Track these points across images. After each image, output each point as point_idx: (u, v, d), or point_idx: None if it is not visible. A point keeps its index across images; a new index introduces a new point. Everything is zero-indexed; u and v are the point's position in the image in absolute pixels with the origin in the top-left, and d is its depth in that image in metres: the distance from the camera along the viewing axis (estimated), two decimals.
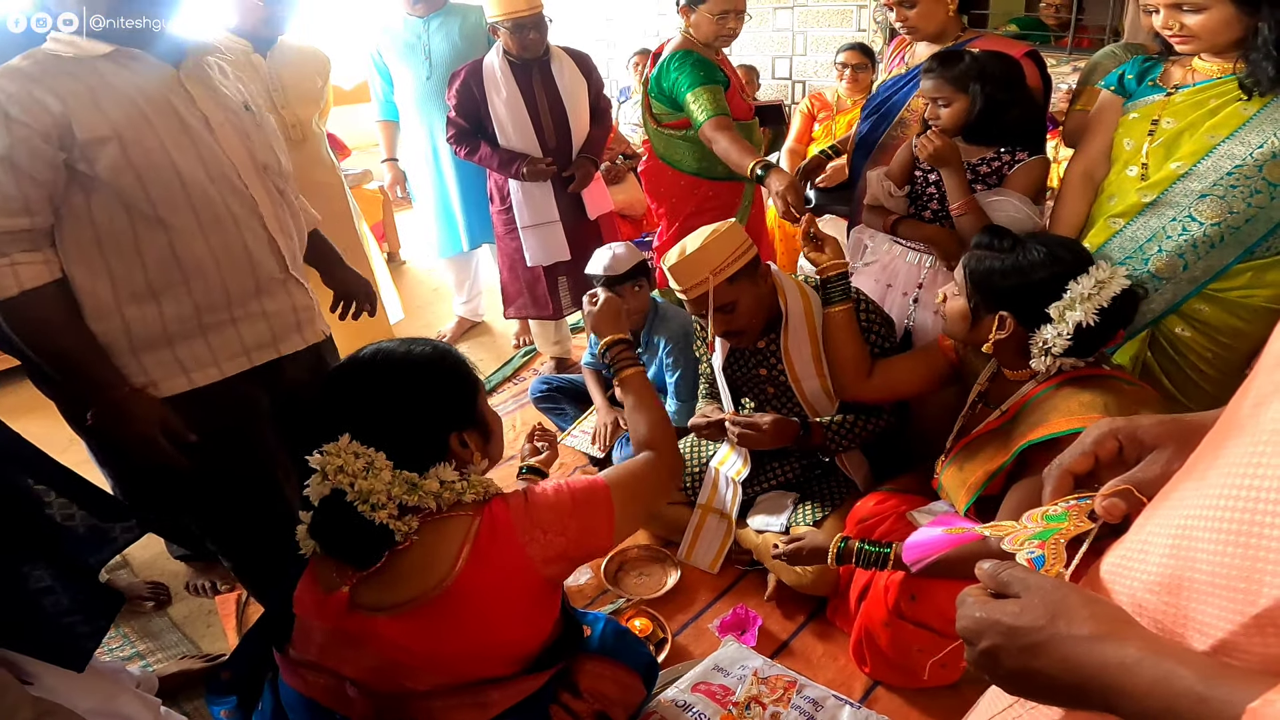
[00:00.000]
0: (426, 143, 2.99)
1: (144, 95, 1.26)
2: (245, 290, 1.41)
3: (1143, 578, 0.50)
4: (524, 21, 2.40)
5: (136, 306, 1.31)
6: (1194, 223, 1.49)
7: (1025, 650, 0.49)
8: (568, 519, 1.08)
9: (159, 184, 1.27)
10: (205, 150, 1.33)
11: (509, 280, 2.86)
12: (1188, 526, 0.48)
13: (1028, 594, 0.51)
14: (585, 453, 2.40)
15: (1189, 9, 1.39)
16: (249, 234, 1.39)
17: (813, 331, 1.77)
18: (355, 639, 1.02)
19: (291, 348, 1.52)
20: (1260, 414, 0.46)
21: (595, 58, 2.77)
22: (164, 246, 1.30)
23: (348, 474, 0.98)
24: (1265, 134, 1.40)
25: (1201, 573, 0.45)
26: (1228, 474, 0.46)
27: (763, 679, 1.58)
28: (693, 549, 1.98)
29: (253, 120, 1.45)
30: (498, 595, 1.03)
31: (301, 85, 2.20)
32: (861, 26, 3.98)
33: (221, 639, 1.89)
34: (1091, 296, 1.29)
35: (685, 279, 1.67)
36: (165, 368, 1.36)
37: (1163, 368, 1.62)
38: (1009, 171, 1.78)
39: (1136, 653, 0.44)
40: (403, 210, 3.89)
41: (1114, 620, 0.47)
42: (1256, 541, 0.42)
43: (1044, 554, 0.60)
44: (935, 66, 1.77)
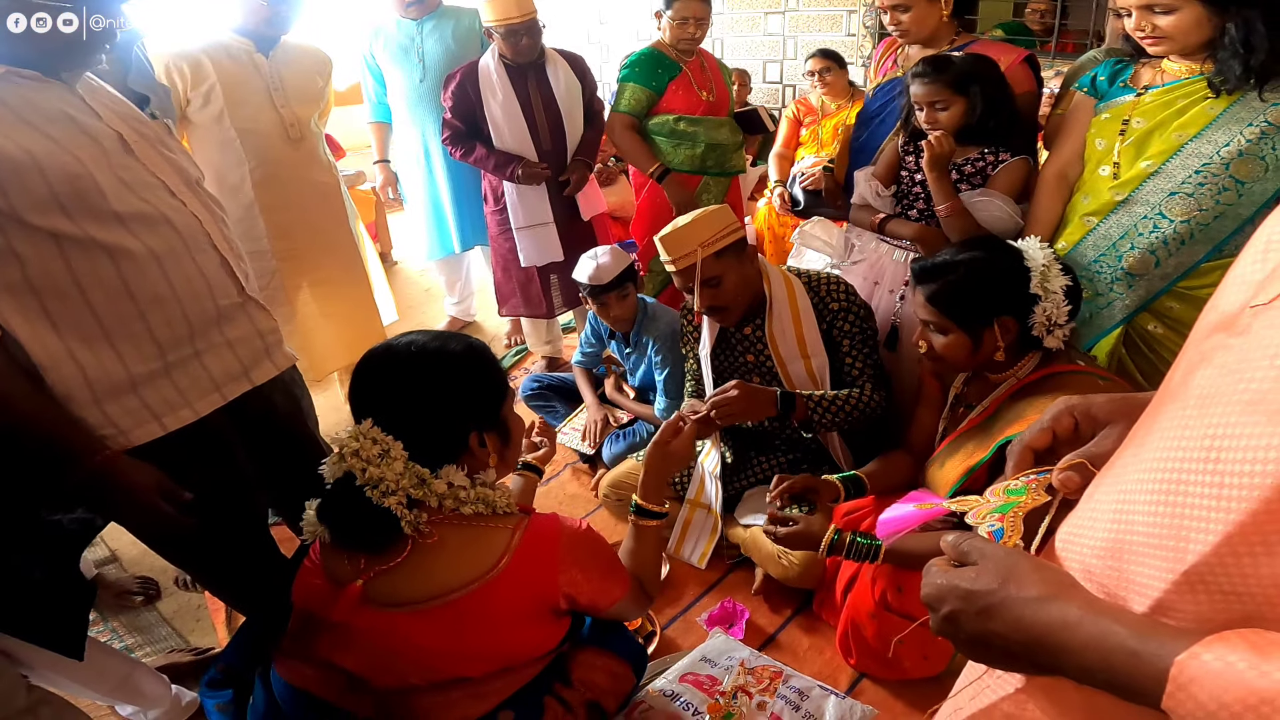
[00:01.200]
0: (419, 145, 3.01)
1: (47, 115, 1.12)
2: (206, 319, 1.30)
3: (1090, 544, 0.53)
4: (516, 28, 2.43)
5: (89, 351, 1.17)
6: (1164, 220, 1.52)
7: (981, 613, 0.52)
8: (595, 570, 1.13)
9: (89, 215, 1.14)
10: (128, 171, 1.20)
11: (503, 280, 2.88)
12: (1126, 491, 0.51)
13: (983, 561, 0.54)
14: (575, 449, 2.44)
15: (1160, 10, 1.41)
16: (201, 256, 1.28)
17: (796, 315, 1.82)
18: (364, 633, 1.03)
19: (264, 376, 1.41)
20: (1189, 380, 0.49)
21: (589, 60, 2.80)
22: (114, 281, 1.17)
23: (361, 459, 0.98)
24: (1232, 132, 1.43)
25: (1139, 535, 0.48)
26: (1160, 439, 0.49)
27: (749, 669, 1.61)
28: (681, 544, 2.00)
29: (163, 129, 1.34)
30: (522, 606, 1.06)
31: (302, 85, 2.22)
32: (851, 31, 4.02)
33: (211, 634, 1.91)
34: (1048, 260, 1.39)
35: (675, 249, 1.73)
36: (133, 415, 1.23)
37: (1137, 364, 1.65)
38: (992, 171, 1.82)
39: (1077, 611, 0.47)
40: (394, 212, 3.90)
41: (1059, 583, 0.50)
42: (1182, 500, 0.45)
43: (1003, 527, 0.63)
44: (928, 71, 1.78)
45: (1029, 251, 1.43)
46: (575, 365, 2.58)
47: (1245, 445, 0.41)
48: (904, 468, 1.69)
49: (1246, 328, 0.45)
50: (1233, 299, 0.48)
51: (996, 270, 1.43)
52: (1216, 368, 0.46)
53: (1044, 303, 1.39)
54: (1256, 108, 1.41)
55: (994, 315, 1.42)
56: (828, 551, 1.49)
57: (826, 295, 1.84)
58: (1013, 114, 1.82)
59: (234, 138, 2.12)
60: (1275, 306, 0.43)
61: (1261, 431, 0.41)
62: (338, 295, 2.42)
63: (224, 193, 2.18)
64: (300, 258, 2.29)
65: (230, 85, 2.09)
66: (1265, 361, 0.42)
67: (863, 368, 1.84)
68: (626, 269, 2.23)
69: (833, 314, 1.83)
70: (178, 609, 1.99)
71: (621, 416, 2.45)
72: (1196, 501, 0.44)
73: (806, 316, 1.83)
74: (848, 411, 1.79)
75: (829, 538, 1.49)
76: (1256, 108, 1.41)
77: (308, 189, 2.28)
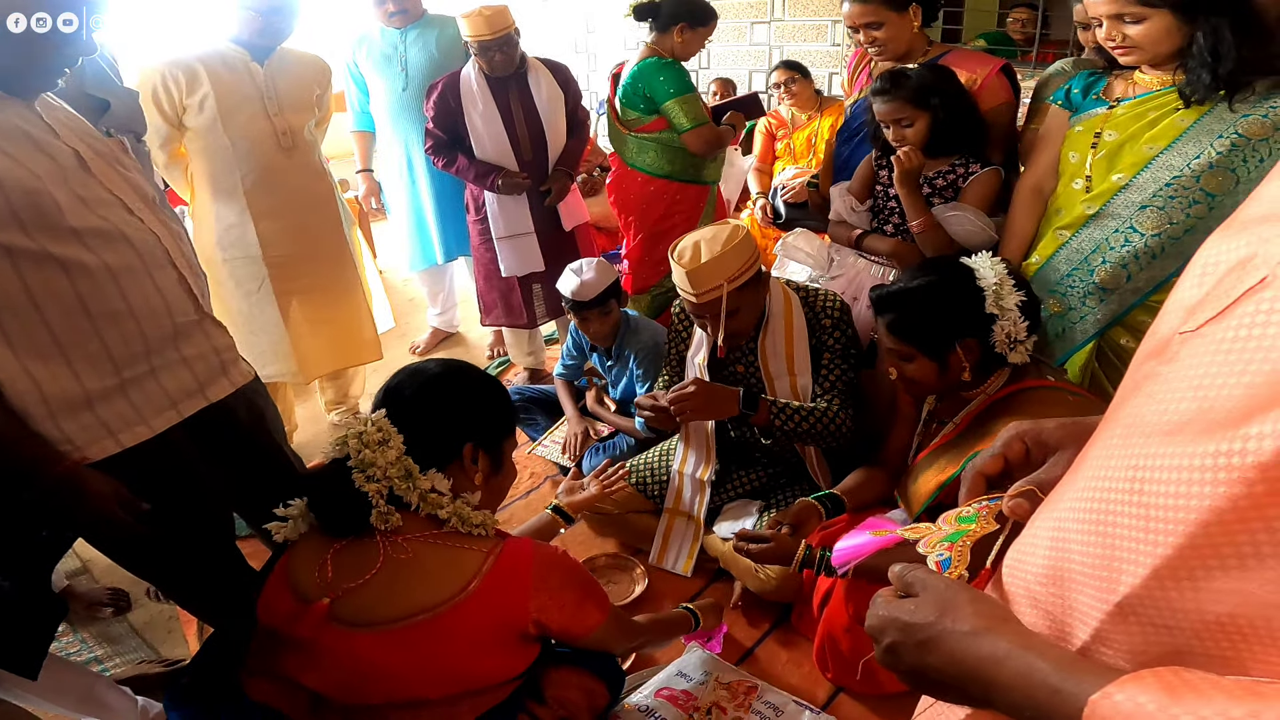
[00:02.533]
0: (401, 154, 3.00)
1: (3, 133, 1.12)
2: (163, 336, 1.30)
3: (1034, 570, 0.53)
4: (488, 44, 2.43)
5: (44, 366, 1.17)
6: (1135, 234, 1.52)
7: (919, 646, 0.51)
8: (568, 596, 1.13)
9: (46, 231, 1.14)
10: (85, 188, 1.20)
11: (485, 290, 2.88)
12: (1062, 520, 0.50)
13: (924, 593, 0.54)
14: (555, 462, 2.43)
15: (1130, 20, 1.42)
16: (159, 274, 1.29)
17: (789, 333, 1.82)
18: (329, 651, 1.02)
19: (220, 393, 1.42)
20: (1120, 409, 0.49)
21: (576, 69, 2.80)
22: (69, 297, 1.17)
23: (362, 442, 1.03)
24: (1202, 145, 1.43)
25: (1076, 563, 0.48)
26: (1091, 468, 0.49)
27: (724, 684, 1.60)
28: (663, 553, 2.00)
29: (119, 146, 1.35)
30: (490, 631, 1.06)
31: (296, 93, 2.23)
32: (836, 41, 4.03)
33: (182, 645, 1.89)
34: (1001, 277, 1.39)
35: (700, 284, 1.70)
36: (89, 432, 1.23)
37: (1110, 378, 1.65)
38: (963, 184, 1.82)
39: (1006, 646, 0.47)
40: (378, 221, 3.89)
41: (993, 616, 0.50)
42: (1112, 530, 0.44)
43: (950, 556, 0.63)
44: (889, 88, 1.78)
45: (980, 271, 1.43)
46: (557, 377, 2.58)
47: (1166, 478, 0.41)
48: (879, 483, 1.69)
49: (1175, 355, 0.45)
50: (1168, 324, 0.48)
51: (951, 293, 1.43)
52: (1144, 396, 0.46)
53: (1001, 321, 1.39)
54: (1227, 119, 1.41)
55: (955, 338, 1.42)
56: (800, 566, 1.50)
57: (820, 311, 1.84)
58: (978, 123, 1.83)
59: (227, 145, 2.13)
60: (1203, 334, 0.42)
61: (1180, 464, 0.40)
62: (328, 302, 2.42)
63: (218, 199, 2.20)
64: (291, 264, 2.29)
65: (224, 94, 2.10)
66: (1189, 391, 0.42)
67: (834, 381, 1.83)
68: (611, 285, 2.22)
69: (823, 329, 1.83)
70: (149, 620, 1.98)
71: (602, 429, 2.44)
72: (1125, 533, 0.43)
73: (799, 334, 1.82)
74: (810, 424, 1.77)
75: (800, 553, 1.49)
76: (1227, 119, 1.41)
77: (300, 196, 2.29)
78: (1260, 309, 0.38)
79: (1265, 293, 0.38)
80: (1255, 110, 1.39)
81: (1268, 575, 0.37)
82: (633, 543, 2.09)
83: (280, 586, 1.08)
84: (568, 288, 2.20)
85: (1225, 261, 0.44)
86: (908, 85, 1.76)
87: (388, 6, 2.79)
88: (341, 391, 2.75)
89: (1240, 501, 0.37)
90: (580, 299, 2.18)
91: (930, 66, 1.83)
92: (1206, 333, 0.42)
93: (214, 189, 2.19)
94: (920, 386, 1.52)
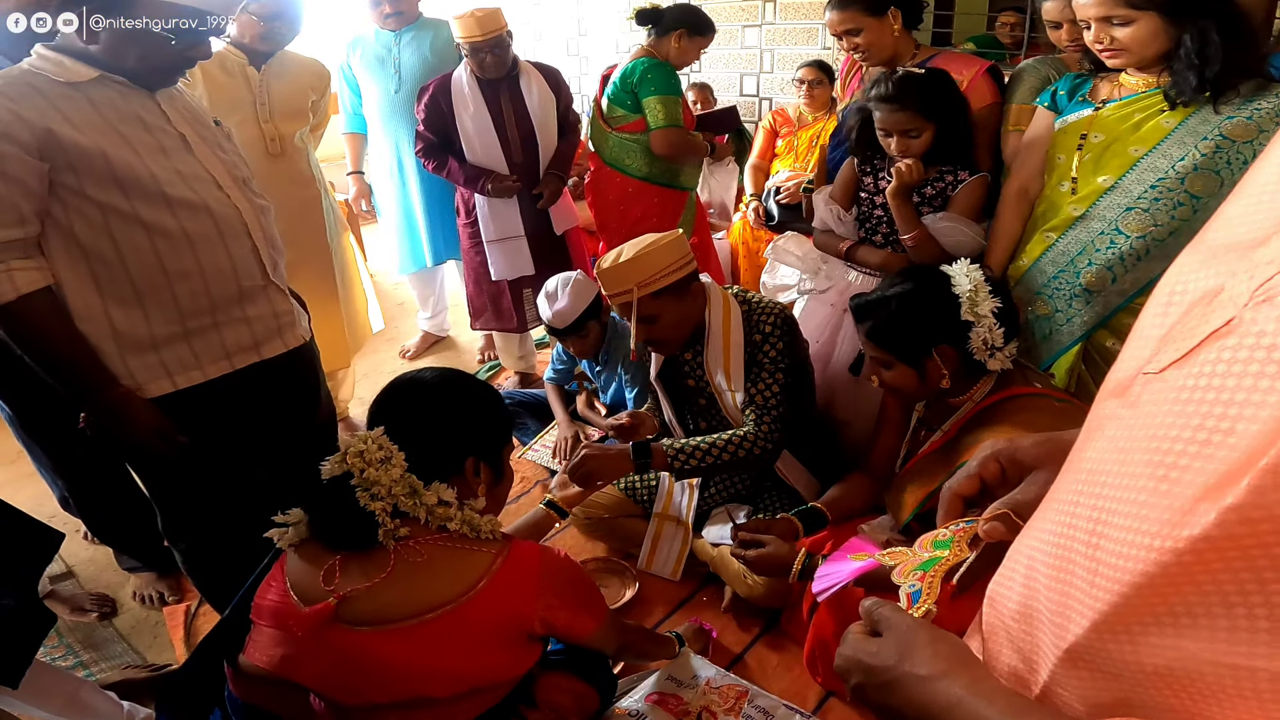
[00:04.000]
0: (392, 157, 2.99)
1: (122, 116, 1.33)
2: (229, 296, 1.47)
3: (1010, 606, 0.53)
4: (479, 45, 2.42)
5: (122, 310, 1.37)
6: (1121, 236, 1.53)
7: (881, 688, 0.52)
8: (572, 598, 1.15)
9: (142, 197, 1.33)
10: (185, 165, 1.39)
11: (475, 293, 2.87)
12: (1035, 555, 0.50)
13: (887, 633, 0.54)
14: (546, 466, 2.42)
15: (1118, 22, 1.42)
16: (234, 243, 1.46)
17: (727, 346, 1.77)
18: (331, 650, 1.02)
19: (272, 351, 1.57)
20: (1083, 450, 0.48)
21: (567, 72, 2.79)
22: (149, 254, 1.36)
23: (364, 460, 1.03)
24: (1186, 147, 1.44)
25: (1041, 602, 0.47)
26: (1056, 509, 0.49)
27: (715, 689, 1.60)
28: (652, 557, 1.99)
29: (224, 134, 1.53)
30: (497, 629, 1.07)
31: (290, 100, 2.22)
32: (826, 45, 4.04)
33: (168, 650, 1.88)
34: (976, 284, 1.40)
35: (611, 285, 1.69)
36: (150, 370, 1.41)
37: (1096, 380, 1.65)
38: (952, 192, 1.81)
39: (959, 692, 0.47)
40: (368, 224, 3.87)
41: (951, 660, 0.50)
42: (1069, 575, 0.44)
43: (921, 588, 0.63)
44: (898, 96, 1.70)
45: (956, 278, 1.43)
46: (547, 382, 2.57)
47: (1119, 537, 0.41)
48: (864, 491, 1.69)
49: (1137, 399, 0.44)
50: (1132, 358, 0.46)
51: (927, 300, 1.43)
52: (1107, 440, 0.45)
53: (977, 327, 1.40)
54: (1211, 121, 1.42)
55: (931, 345, 1.43)
56: (799, 576, 1.48)
57: (755, 325, 1.76)
58: (971, 133, 1.81)
59: None
60: (1165, 378, 0.41)
61: (1132, 525, 0.40)
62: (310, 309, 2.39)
63: None
64: None
65: (216, 96, 2.10)
66: (1146, 443, 0.41)
67: (757, 394, 1.73)
68: (589, 307, 2.18)
69: (754, 345, 1.76)
70: (134, 625, 1.96)
71: (593, 434, 2.43)
72: (1077, 580, 0.43)
73: (735, 347, 1.76)
74: (716, 455, 1.69)
75: (800, 562, 1.48)
76: (1211, 121, 1.42)
77: (283, 203, 2.24)
78: (1221, 357, 0.37)
79: (1228, 339, 0.37)
80: (1239, 112, 1.39)
81: (1200, 634, 0.37)
82: (622, 547, 2.09)
83: (280, 588, 1.08)
84: (544, 314, 2.18)
85: (1192, 291, 0.42)
86: (918, 95, 1.69)
87: (383, 8, 2.79)
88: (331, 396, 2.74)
89: (1171, 569, 0.37)
90: (558, 327, 2.17)
91: (937, 73, 1.77)
92: (1169, 377, 0.40)
93: None
94: (901, 393, 1.52)
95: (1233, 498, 0.34)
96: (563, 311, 2.15)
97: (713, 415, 1.93)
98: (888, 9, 1.88)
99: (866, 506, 1.67)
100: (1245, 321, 0.36)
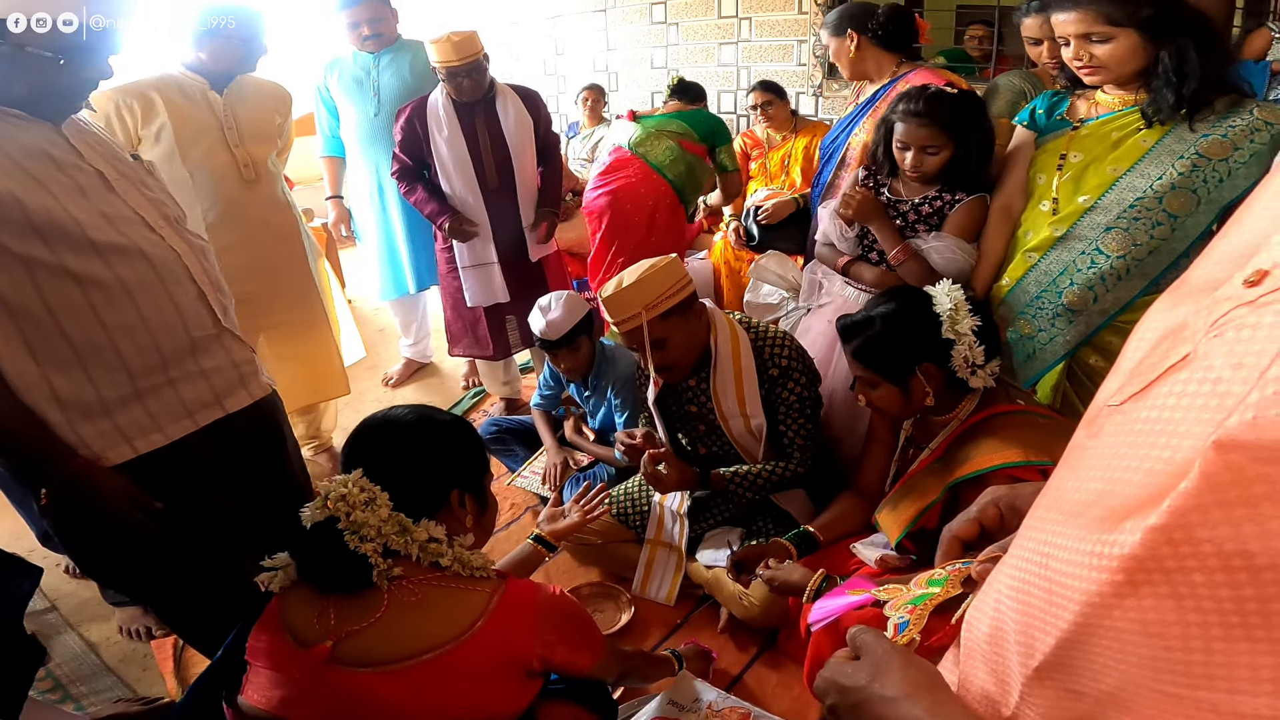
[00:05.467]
0: (372, 181, 2.96)
1: (27, 153, 1.18)
2: (180, 349, 1.35)
3: (983, 630, 0.54)
4: (456, 70, 2.41)
5: (63, 375, 1.23)
6: (1101, 255, 1.54)
7: (852, 708, 0.53)
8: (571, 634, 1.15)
9: (66, 246, 1.19)
10: (108, 206, 1.26)
11: (452, 319, 2.84)
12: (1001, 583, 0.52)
13: (865, 657, 0.56)
14: (535, 493, 2.40)
15: (1097, 39, 1.44)
16: (177, 290, 1.34)
17: (738, 373, 1.79)
18: (329, 690, 1.01)
19: (238, 404, 1.46)
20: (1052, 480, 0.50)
21: (545, 91, 2.80)
22: (84, 310, 1.23)
23: (348, 504, 1.02)
24: (1164, 165, 1.45)
25: (1009, 624, 0.49)
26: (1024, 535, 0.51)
27: (716, 711, 1.59)
28: (646, 583, 1.99)
29: (144, 169, 1.39)
30: (496, 667, 1.06)
31: (257, 123, 2.17)
32: (802, 61, 4.10)
33: (159, 682, 1.84)
34: (956, 303, 1.43)
35: (618, 312, 1.69)
36: (105, 438, 1.29)
37: (1081, 397, 1.67)
38: (949, 211, 1.80)
39: (920, 714, 0.49)
40: (346, 249, 3.83)
41: (918, 683, 0.51)
42: (1028, 599, 0.46)
43: (909, 619, 0.65)
44: (926, 111, 1.66)
45: (937, 297, 1.46)
46: (534, 408, 2.55)
47: (1064, 558, 0.42)
48: (855, 512, 1.70)
49: (1099, 429, 0.45)
50: (1105, 390, 0.48)
51: (909, 320, 1.46)
52: (1068, 469, 0.47)
53: (958, 345, 1.42)
54: (1188, 139, 1.44)
55: (915, 363, 1.45)
56: (814, 597, 1.47)
57: (769, 359, 1.79)
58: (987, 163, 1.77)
59: (186, 177, 2.07)
60: (1125, 410, 0.42)
61: (1075, 545, 0.41)
62: (295, 337, 2.37)
63: None
64: (257, 300, 2.22)
65: (181, 124, 2.04)
66: (1099, 470, 0.42)
67: (793, 437, 1.82)
68: (580, 322, 2.18)
69: (771, 380, 1.79)
70: (124, 657, 1.92)
71: (581, 459, 2.42)
72: (1037, 603, 0.45)
73: (749, 376, 1.79)
74: (766, 484, 1.82)
75: (816, 583, 1.47)
76: (1188, 139, 1.44)
77: (264, 230, 2.23)
78: (1174, 390, 0.38)
79: (1181, 373, 0.38)
80: (1215, 130, 1.42)
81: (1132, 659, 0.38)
82: (616, 572, 2.08)
83: (276, 629, 1.07)
84: (535, 326, 2.18)
85: (1160, 328, 0.44)
86: (946, 113, 1.66)
87: (362, 30, 2.77)
88: (314, 427, 2.69)
89: (1105, 589, 0.38)
90: (547, 339, 2.16)
91: (966, 95, 1.74)
92: (1128, 409, 0.42)
93: None
94: (887, 412, 1.54)
95: (1155, 518, 0.35)
96: (556, 322, 2.14)
97: (713, 440, 1.93)
98: (846, 30, 2.02)
99: (858, 528, 1.68)
100: (1199, 355, 0.37)
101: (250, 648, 1.09)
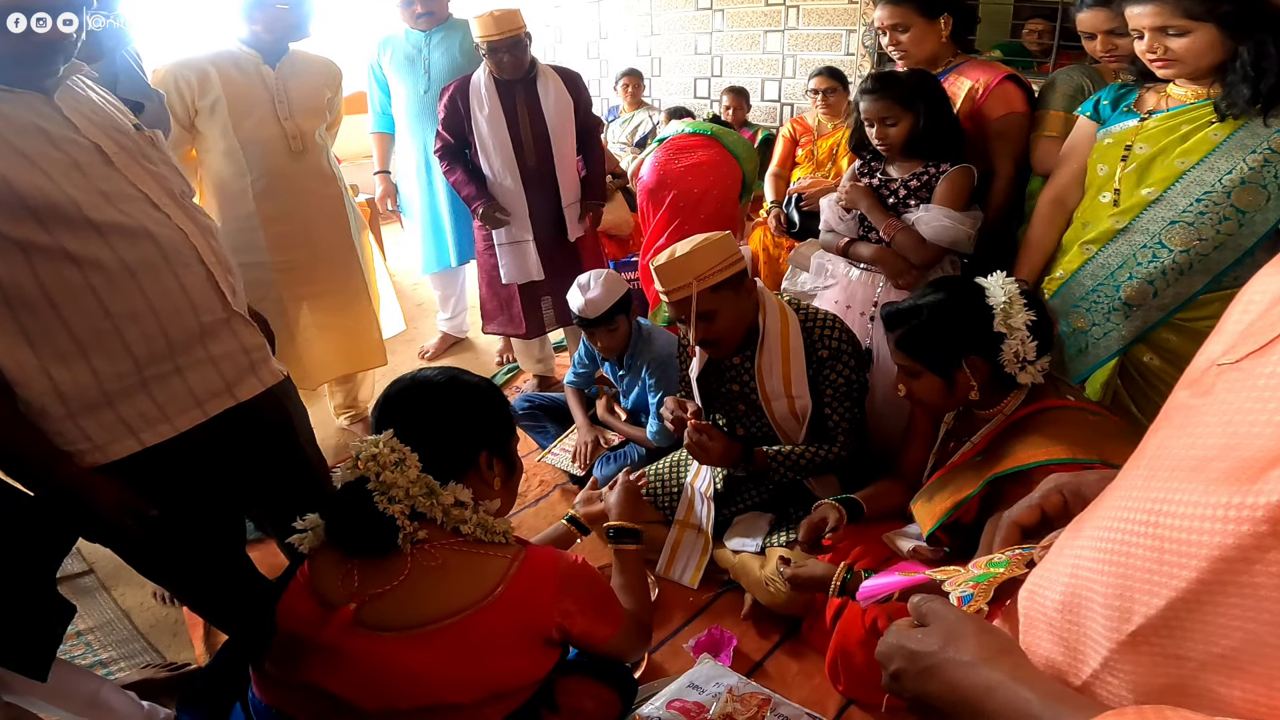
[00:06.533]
0: (419, 157, 3.00)
1: (17, 128, 1.09)
2: (188, 335, 1.27)
3: (1053, 598, 0.53)
4: (497, 45, 2.42)
5: (64, 366, 1.15)
6: (1164, 250, 1.50)
7: (921, 674, 0.52)
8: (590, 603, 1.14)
9: (64, 227, 1.11)
10: (108, 183, 1.17)
11: (487, 296, 2.87)
12: (1083, 550, 0.51)
13: (934, 623, 0.55)
14: (565, 470, 2.42)
15: (1174, 32, 1.39)
16: (185, 272, 1.25)
17: (785, 353, 1.78)
18: (354, 655, 1.02)
19: (249, 392, 1.38)
20: (1149, 440, 0.49)
21: (587, 75, 2.80)
22: (86, 296, 1.15)
23: (378, 464, 1.03)
24: (1234, 160, 1.41)
25: (1092, 592, 0.48)
26: (1113, 500, 0.50)
27: (737, 696, 1.59)
28: (671, 564, 1.99)
29: (147, 140, 1.29)
30: (515, 634, 1.07)
31: (307, 97, 2.22)
32: (850, 50, 4.04)
33: (188, 649, 1.88)
34: (1011, 296, 1.39)
35: (670, 280, 1.69)
36: (109, 430, 1.21)
37: (1132, 396, 1.63)
38: (936, 184, 1.85)
39: (999, 677, 0.48)
40: (389, 224, 3.89)
41: (995, 648, 0.50)
42: (1127, 562, 0.45)
43: (973, 593, 0.63)
44: (877, 88, 1.83)
45: (990, 289, 1.41)
46: (567, 385, 2.56)
47: (1182, 513, 0.42)
48: (897, 494, 1.67)
49: (1210, 387, 0.45)
50: (1208, 355, 0.48)
51: (960, 311, 1.42)
52: (1174, 428, 0.47)
53: (1009, 340, 1.38)
54: (1260, 134, 1.39)
55: (962, 356, 1.41)
56: (840, 592, 1.46)
57: (818, 340, 1.79)
58: (956, 131, 1.88)
59: (238, 148, 2.13)
60: (1242, 367, 0.43)
61: (1198, 500, 0.41)
62: (336, 307, 2.42)
63: (226, 202, 2.19)
64: (299, 270, 2.28)
65: (234, 97, 2.09)
66: (1219, 426, 0.42)
67: (838, 420, 1.81)
68: (618, 301, 2.19)
69: (820, 361, 1.79)
70: (155, 624, 1.97)
71: (613, 438, 2.43)
72: (1139, 565, 0.44)
73: (796, 356, 1.79)
74: (808, 466, 1.81)
75: (839, 576, 1.46)
76: (1260, 134, 1.39)
77: (309, 202, 2.28)
78: None
79: None
80: None
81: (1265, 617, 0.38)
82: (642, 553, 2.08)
83: (303, 593, 1.08)
84: (575, 304, 2.19)
85: (1271, 290, 0.45)
86: (896, 85, 1.82)
87: (415, 8, 2.81)
88: (351, 396, 2.74)
89: (1245, 541, 0.38)
90: (586, 317, 2.17)
91: (918, 70, 1.90)
92: (1245, 367, 0.42)
93: (222, 193, 2.18)
94: (928, 403, 1.51)
95: None
96: (595, 300, 2.15)
97: (752, 421, 1.92)
98: (941, 13, 1.92)
99: (898, 509, 1.65)
100: None
101: (280, 611, 1.10)
